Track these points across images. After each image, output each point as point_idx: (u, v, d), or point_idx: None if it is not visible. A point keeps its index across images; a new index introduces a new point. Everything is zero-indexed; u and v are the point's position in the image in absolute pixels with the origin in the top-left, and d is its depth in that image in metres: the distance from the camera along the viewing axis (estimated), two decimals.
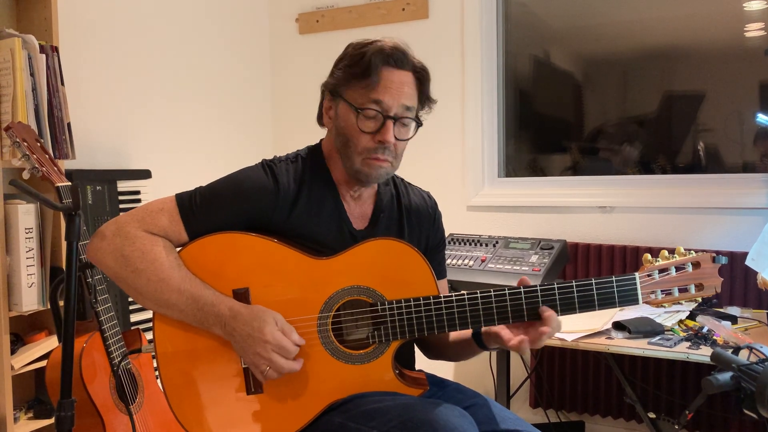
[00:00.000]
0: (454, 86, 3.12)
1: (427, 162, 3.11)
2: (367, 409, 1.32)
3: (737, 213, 2.63)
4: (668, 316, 2.27)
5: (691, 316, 2.28)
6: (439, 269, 1.60)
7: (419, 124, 1.47)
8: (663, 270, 1.37)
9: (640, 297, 1.35)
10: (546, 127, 3.32)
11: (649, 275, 1.36)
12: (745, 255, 2.24)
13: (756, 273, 2.21)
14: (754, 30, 2.77)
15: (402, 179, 1.64)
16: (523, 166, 3.31)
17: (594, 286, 1.35)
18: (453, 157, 3.14)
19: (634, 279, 1.35)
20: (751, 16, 2.77)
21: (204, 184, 1.45)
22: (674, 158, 2.99)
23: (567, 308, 1.35)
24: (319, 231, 1.44)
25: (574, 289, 1.35)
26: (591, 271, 2.79)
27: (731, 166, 2.85)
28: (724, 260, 1.36)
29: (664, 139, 3.05)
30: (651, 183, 2.90)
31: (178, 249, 1.41)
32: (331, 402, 1.38)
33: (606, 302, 1.35)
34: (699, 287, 1.37)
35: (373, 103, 1.39)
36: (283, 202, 1.43)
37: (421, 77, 1.45)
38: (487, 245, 2.77)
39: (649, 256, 1.38)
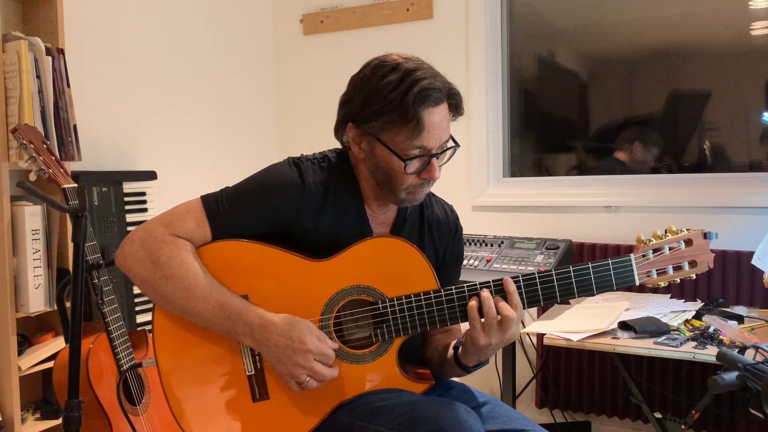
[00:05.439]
0: (459, 86, 3.07)
1: None
2: (373, 408, 1.32)
3: (743, 212, 2.62)
4: (674, 316, 2.27)
5: (697, 315, 2.27)
6: (452, 284, 1.58)
7: (458, 145, 1.46)
8: (657, 249, 1.37)
9: (636, 278, 1.36)
10: (551, 126, 3.32)
11: (643, 255, 1.37)
12: (751, 254, 2.23)
13: (762, 272, 2.21)
14: (760, 28, 2.76)
15: (430, 192, 1.60)
16: (529, 166, 3.31)
17: (591, 270, 1.35)
18: (458, 156, 3.09)
19: (630, 260, 1.36)
20: (757, 15, 2.75)
21: (230, 185, 1.44)
22: (680, 157, 2.98)
23: (566, 293, 1.35)
24: (341, 235, 1.43)
25: (572, 274, 1.35)
26: None
27: (737, 165, 2.84)
28: (714, 236, 1.37)
29: (670, 138, 3.04)
30: (657, 182, 2.89)
31: None
32: (338, 404, 1.38)
33: (604, 285, 1.35)
34: (692, 264, 1.38)
35: (418, 149, 1.36)
36: (309, 201, 1.41)
37: (455, 102, 1.42)
38: (492, 245, 2.76)
39: (642, 236, 1.38)
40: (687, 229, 1.39)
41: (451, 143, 1.43)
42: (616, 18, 3.09)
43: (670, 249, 1.37)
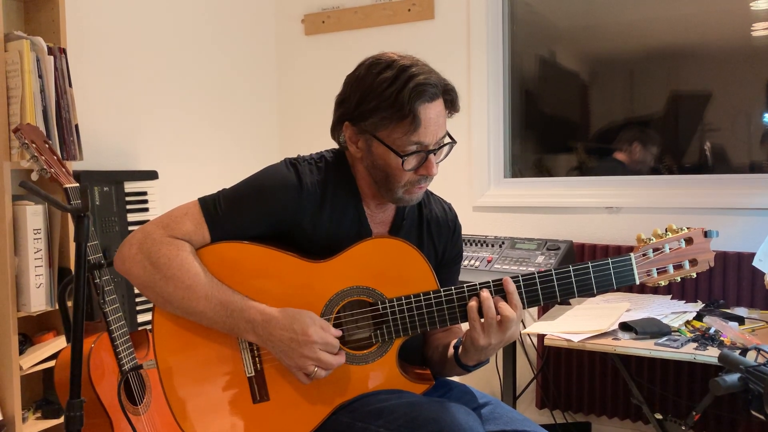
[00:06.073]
0: (460, 86, 3.08)
1: None
2: (373, 408, 1.32)
3: (744, 213, 2.62)
4: (675, 317, 2.27)
5: (698, 316, 2.28)
6: (452, 282, 1.58)
7: (454, 141, 1.45)
8: (657, 248, 1.37)
9: (636, 277, 1.35)
10: (552, 127, 3.32)
11: (644, 255, 1.36)
12: (752, 255, 2.23)
13: (763, 273, 2.21)
14: (760, 29, 2.76)
15: (428, 190, 1.60)
16: (529, 166, 3.31)
17: (591, 270, 1.35)
18: (459, 157, 3.14)
19: (630, 259, 1.35)
20: (758, 16, 2.76)
21: (227, 187, 1.44)
22: (681, 158, 2.98)
23: (566, 293, 1.35)
24: (339, 235, 1.43)
25: (572, 274, 1.35)
26: None
27: (738, 166, 2.84)
28: (715, 234, 1.36)
29: (671, 138, 3.04)
30: (658, 183, 2.89)
31: None
32: (338, 405, 1.38)
33: (604, 285, 1.35)
34: (693, 263, 1.37)
35: (415, 145, 1.36)
36: (306, 202, 1.41)
37: (451, 98, 1.42)
38: (493, 246, 2.77)
39: (642, 235, 1.38)
40: (687, 228, 1.39)
41: (447, 139, 1.42)
42: (617, 19, 3.09)
43: (670, 248, 1.37)
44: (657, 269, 1.36)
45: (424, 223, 1.54)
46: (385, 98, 1.34)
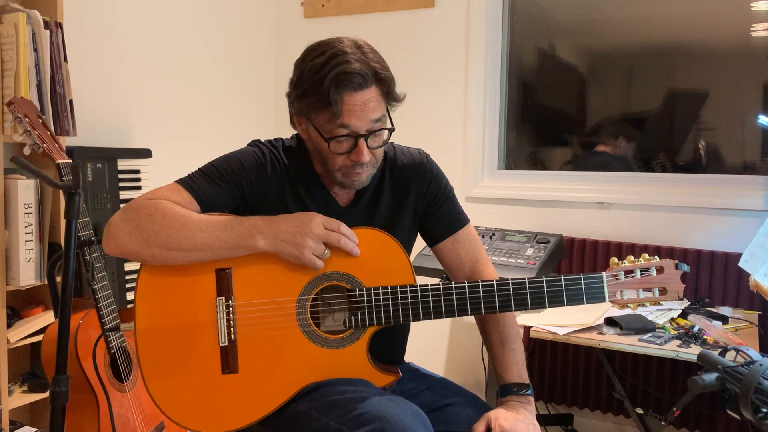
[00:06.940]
0: (458, 76, 3.12)
1: (427, 151, 3.11)
2: (329, 400, 1.34)
3: (734, 214, 2.64)
4: (660, 314, 2.29)
5: (683, 314, 2.30)
6: (452, 221, 1.58)
7: (392, 129, 1.44)
8: (629, 272, 1.42)
9: (606, 295, 1.40)
10: (548, 120, 3.32)
11: (615, 275, 1.41)
12: (739, 256, 2.25)
13: (749, 274, 2.23)
14: (760, 30, 2.77)
15: (392, 144, 1.59)
16: (524, 159, 3.32)
17: (563, 283, 1.40)
18: (454, 147, 3.14)
19: (602, 278, 1.41)
20: (758, 16, 2.76)
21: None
22: (675, 156, 2.99)
23: (537, 302, 1.40)
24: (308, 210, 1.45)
25: (544, 285, 1.39)
26: (586, 266, 2.81)
27: (731, 166, 2.86)
28: (686, 268, 1.41)
29: (666, 136, 3.05)
30: (650, 181, 2.91)
31: None
32: (305, 385, 1.39)
33: (574, 299, 1.40)
34: (663, 291, 1.42)
35: (341, 128, 1.37)
36: (272, 181, 1.46)
37: (385, 84, 1.39)
38: (483, 237, 2.78)
39: (615, 259, 1.44)
40: (659, 258, 1.44)
41: (381, 125, 1.41)
42: (617, 14, 3.09)
43: (641, 273, 1.42)
44: (626, 291, 1.41)
45: (386, 180, 1.54)
46: (312, 84, 1.36)
